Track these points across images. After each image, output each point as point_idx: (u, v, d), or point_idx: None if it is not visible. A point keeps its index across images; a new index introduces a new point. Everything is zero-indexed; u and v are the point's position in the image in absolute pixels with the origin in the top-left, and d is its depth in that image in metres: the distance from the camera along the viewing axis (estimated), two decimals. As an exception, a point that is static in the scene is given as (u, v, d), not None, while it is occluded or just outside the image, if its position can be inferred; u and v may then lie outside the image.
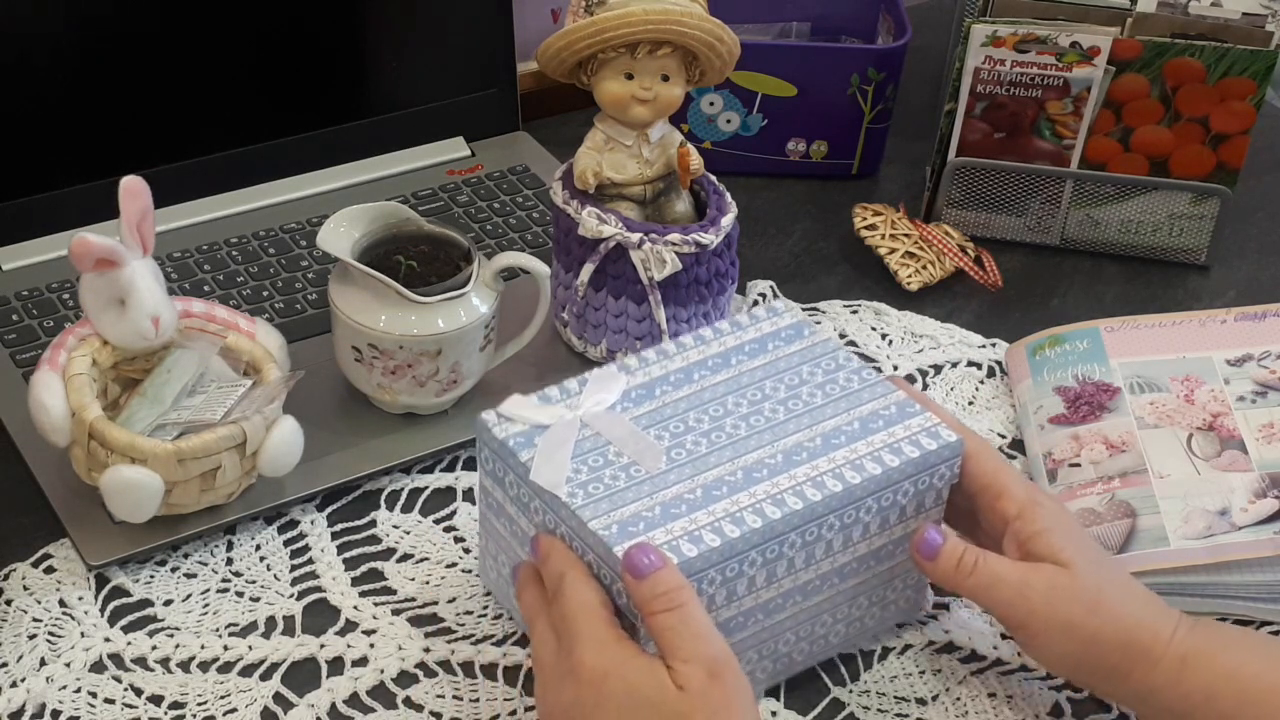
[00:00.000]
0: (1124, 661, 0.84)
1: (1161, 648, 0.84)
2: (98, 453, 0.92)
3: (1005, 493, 0.87)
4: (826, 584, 0.88)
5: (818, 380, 0.91)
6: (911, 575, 0.92)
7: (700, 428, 0.87)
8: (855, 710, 0.91)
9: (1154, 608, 0.86)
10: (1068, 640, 0.85)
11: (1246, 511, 0.98)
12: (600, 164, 1.03)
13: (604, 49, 0.99)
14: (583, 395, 0.89)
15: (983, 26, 1.18)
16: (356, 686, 0.91)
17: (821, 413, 0.89)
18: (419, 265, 1.02)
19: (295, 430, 0.97)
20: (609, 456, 0.85)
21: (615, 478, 0.84)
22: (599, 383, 0.89)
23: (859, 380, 0.91)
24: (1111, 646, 0.84)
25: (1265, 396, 1.06)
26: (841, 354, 0.93)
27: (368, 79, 1.26)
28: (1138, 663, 0.84)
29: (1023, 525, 0.86)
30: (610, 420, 0.87)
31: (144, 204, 0.94)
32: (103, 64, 1.14)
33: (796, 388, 0.90)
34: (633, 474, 0.84)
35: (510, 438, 0.86)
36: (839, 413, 0.89)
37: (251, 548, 0.98)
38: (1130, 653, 0.84)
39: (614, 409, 0.88)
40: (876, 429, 0.87)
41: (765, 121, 1.30)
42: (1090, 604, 0.84)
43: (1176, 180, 1.23)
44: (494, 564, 0.93)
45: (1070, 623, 0.84)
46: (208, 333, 0.98)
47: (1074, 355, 1.11)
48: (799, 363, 0.92)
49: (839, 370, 0.92)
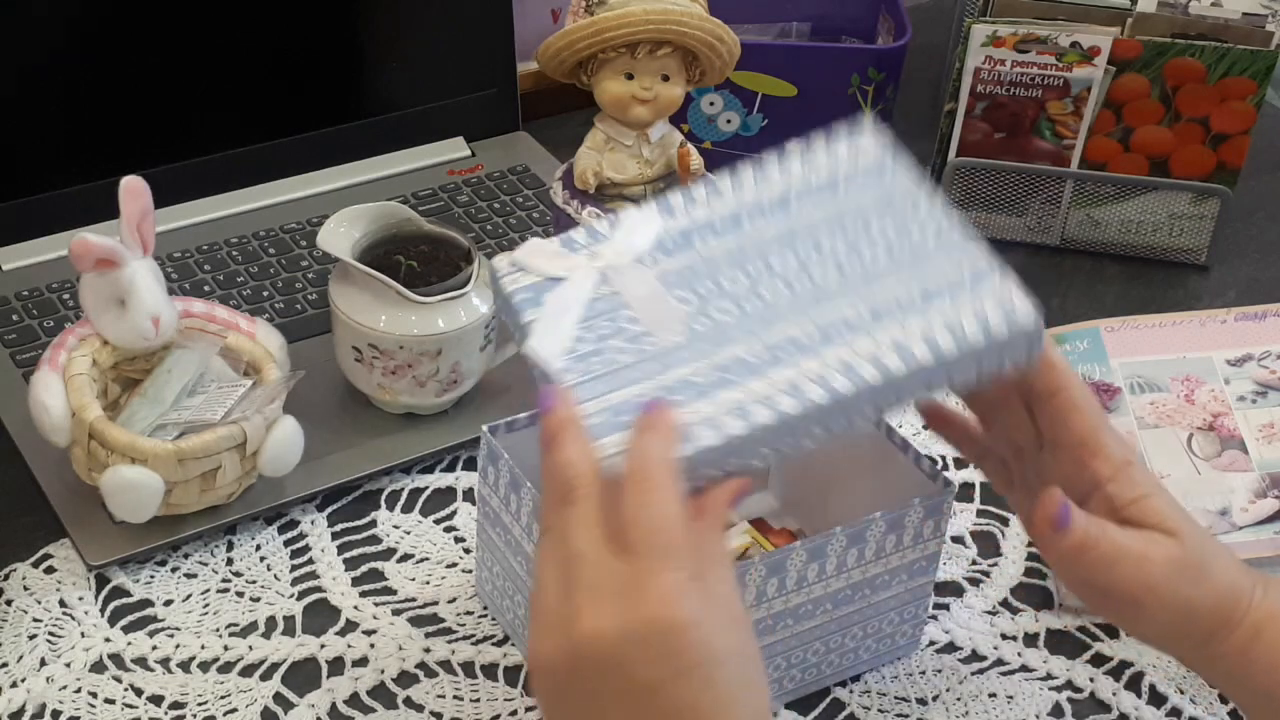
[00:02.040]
0: (1219, 628, 0.80)
1: (1241, 615, 0.79)
2: (98, 453, 0.92)
3: (1101, 451, 0.78)
4: (817, 609, 0.85)
5: (888, 235, 0.76)
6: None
7: (734, 290, 0.74)
8: (855, 710, 0.91)
9: (1241, 570, 0.81)
10: (1174, 613, 0.79)
11: (1247, 511, 0.98)
12: (600, 164, 1.03)
13: (604, 49, 0.99)
14: (611, 241, 0.77)
15: (983, 26, 1.18)
16: (357, 687, 0.91)
17: (880, 279, 0.74)
18: (419, 265, 1.02)
19: (295, 430, 0.97)
20: (621, 323, 0.73)
21: (622, 350, 0.72)
22: (632, 225, 0.78)
23: (934, 237, 0.76)
24: (1208, 615, 0.80)
25: (1265, 396, 1.06)
26: (924, 202, 0.77)
27: (368, 79, 1.26)
28: (1221, 634, 0.80)
29: (1119, 490, 0.79)
30: (634, 276, 0.75)
31: (144, 204, 0.94)
32: (103, 64, 1.14)
33: (856, 243, 0.75)
34: (644, 346, 0.72)
35: (517, 291, 0.75)
36: (899, 280, 0.74)
37: (252, 548, 0.98)
38: (1224, 622, 0.79)
39: (642, 261, 0.76)
40: (939, 301, 0.73)
41: (765, 121, 1.30)
42: (1195, 576, 0.79)
43: (1177, 180, 1.23)
44: (489, 575, 0.93)
45: (1181, 596, 0.79)
46: (208, 333, 0.98)
47: (1074, 355, 1.11)
48: (870, 211, 0.77)
49: (914, 224, 0.76)
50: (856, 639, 0.90)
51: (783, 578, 0.84)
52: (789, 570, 0.84)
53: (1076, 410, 0.79)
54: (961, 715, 0.92)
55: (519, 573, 0.89)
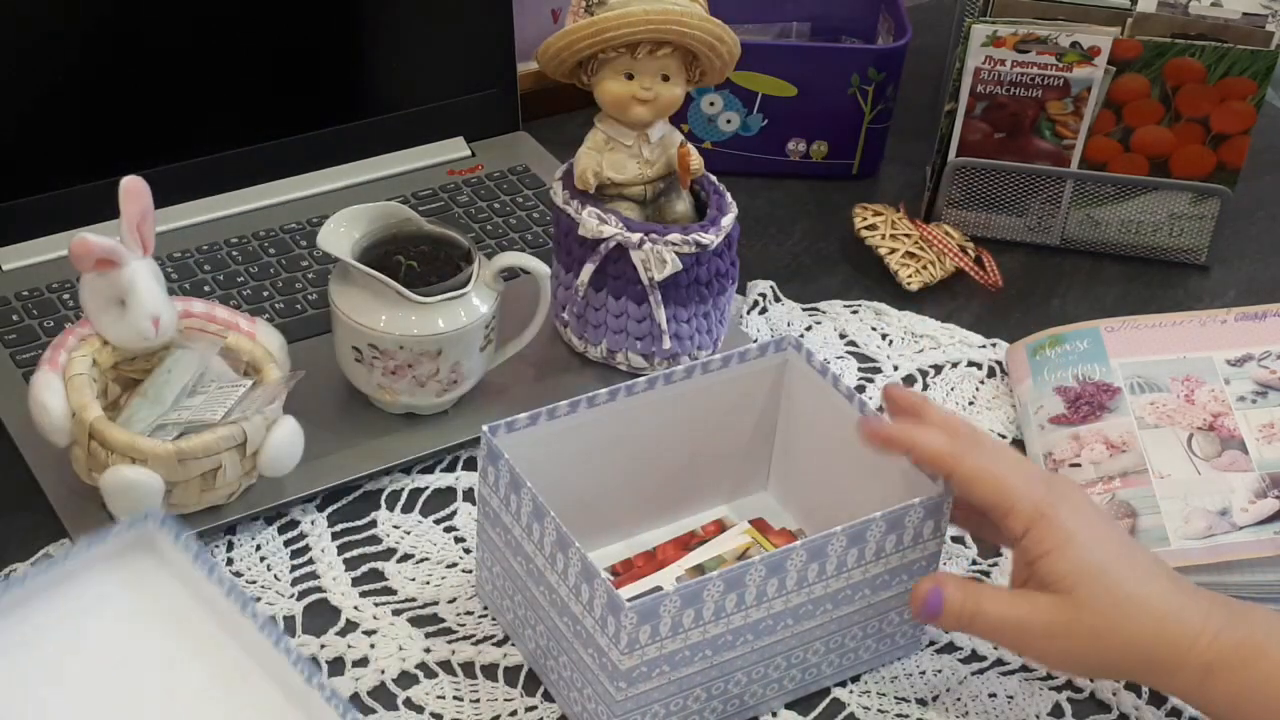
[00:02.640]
0: (1145, 674, 0.84)
1: (1180, 657, 0.81)
2: (98, 453, 0.92)
3: (1012, 510, 0.84)
4: (817, 609, 0.87)
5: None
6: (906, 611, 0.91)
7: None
8: (856, 710, 0.91)
9: (1180, 612, 0.82)
10: (1076, 665, 0.86)
11: (1247, 511, 0.98)
12: (600, 164, 1.03)
13: (604, 49, 0.99)
14: None
15: (983, 26, 1.18)
16: (357, 687, 0.91)
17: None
18: (419, 265, 1.02)
19: (295, 430, 0.97)
20: None
21: None
22: None
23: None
24: (1126, 665, 0.84)
25: (1265, 396, 1.06)
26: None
27: (368, 79, 1.26)
28: (1157, 674, 0.83)
29: (1030, 545, 0.84)
30: None
31: (144, 204, 0.94)
32: (103, 64, 1.14)
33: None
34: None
35: None
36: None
37: (252, 548, 0.98)
38: (1150, 666, 0.83)
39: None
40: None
41: (765, 121, 1.30)
42: (1093, 634, 0.82)
43: (1177, 180, 1.23)
44: (489, 575, 0.93)
45: (1073, 654, 0.84)
46: (208, 333, 0.98)
47: (1074, 355, 1.11)
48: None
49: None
50: (856, 639, 0.90)
51: (783, 578, 0.84)
52: (789, 570, 0.84)
53: (974, 483, 0.85)
54: (961, 715, 0.92)
55: (519, 573, 0.89)
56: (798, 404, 0.97)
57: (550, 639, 0.88)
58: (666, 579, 0.94)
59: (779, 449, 1.00)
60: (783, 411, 0.99)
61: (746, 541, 0.96)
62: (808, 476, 0.98)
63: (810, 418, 0.97)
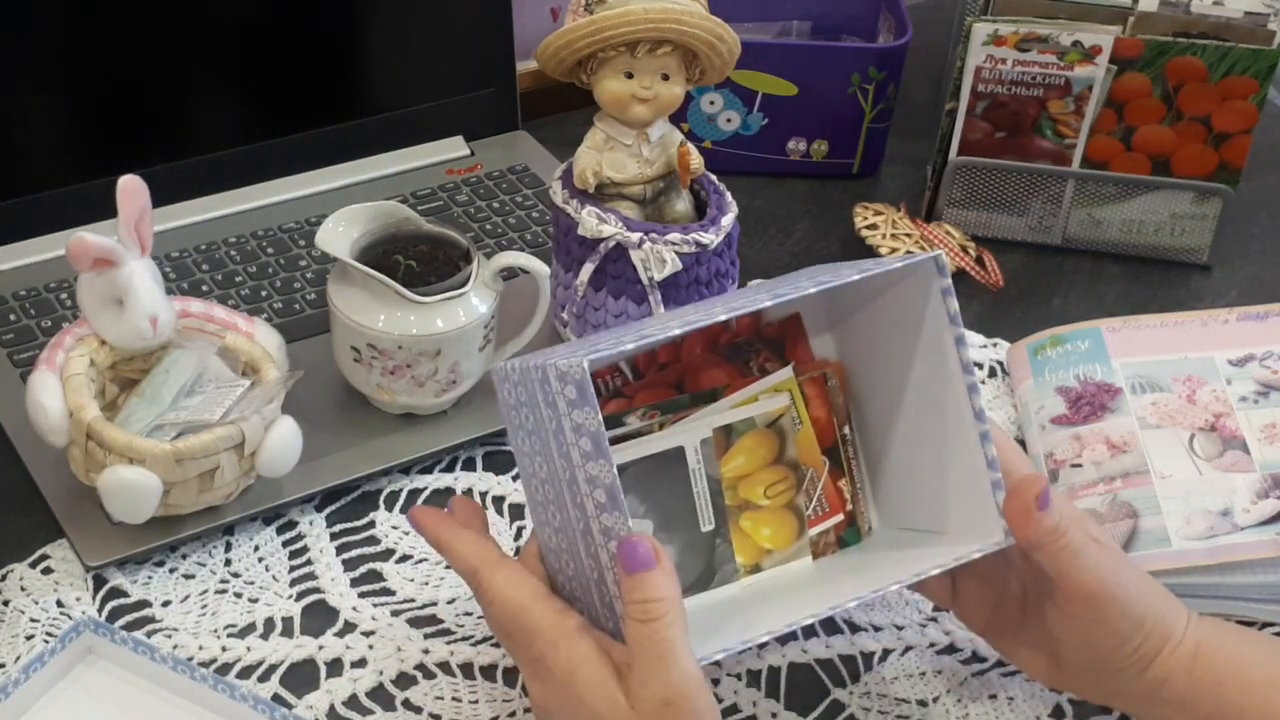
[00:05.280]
0: (1149, 644, 0.83)
1: (1180, 632, 0.83)
2: (96, 453, 0.92)
3: (1115, 605, 0.83)
4: None
5: None
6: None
7: None
8: (856, 711, 0.91)
9: (1171, 598, 0.85)
10: (1125, 619, 0.82)
11: (1249, 512, 0.98)
12: (600, 163, 1.03)
13: (604, 48, 0.99)
14: None
15: (984, 25, 1.18)
16: (355, 688, 0.91)
17: None
18: (418, 265, 1.02)
19: (294, 430, 0.96)
20: None
21: None
22: None
23: None
24: (1140, 626, 0.83)
25: (1267, 396, 1.06)
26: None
27: (367, 78, 1.26)
28: (1164, 644, 0.83)
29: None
30: None
31: (142, 203, 0.94)
32: (101, 63, 1.14)
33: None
34: None
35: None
36: None
37: (250, 548, 0.98)
38: (1156, 635, 0.83)
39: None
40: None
41: (766, 121, 1.29)
42: (1141, 589, 0.83)
43: (1178, 180, 1.23)
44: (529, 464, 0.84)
45: (1132, 596, 0.82)
46: (206, 333, 0.98)
47: (1075, 355, 1.11)
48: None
49: None
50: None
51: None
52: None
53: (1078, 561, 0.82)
54: (962, 716, 0.91)
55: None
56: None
57: None
58: (690, 438, 0.86)
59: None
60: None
61: (783, 405, 0.89)
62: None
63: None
